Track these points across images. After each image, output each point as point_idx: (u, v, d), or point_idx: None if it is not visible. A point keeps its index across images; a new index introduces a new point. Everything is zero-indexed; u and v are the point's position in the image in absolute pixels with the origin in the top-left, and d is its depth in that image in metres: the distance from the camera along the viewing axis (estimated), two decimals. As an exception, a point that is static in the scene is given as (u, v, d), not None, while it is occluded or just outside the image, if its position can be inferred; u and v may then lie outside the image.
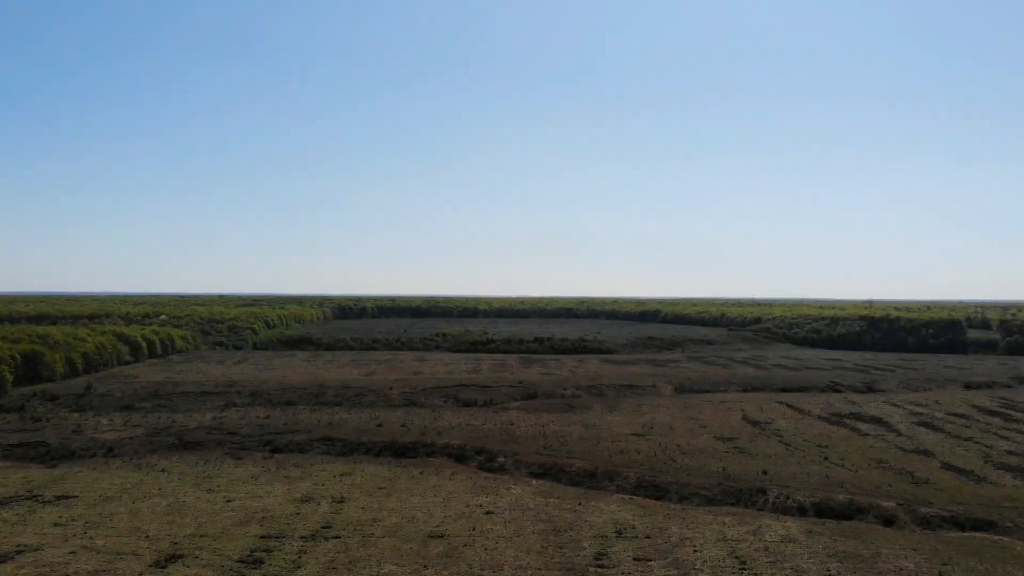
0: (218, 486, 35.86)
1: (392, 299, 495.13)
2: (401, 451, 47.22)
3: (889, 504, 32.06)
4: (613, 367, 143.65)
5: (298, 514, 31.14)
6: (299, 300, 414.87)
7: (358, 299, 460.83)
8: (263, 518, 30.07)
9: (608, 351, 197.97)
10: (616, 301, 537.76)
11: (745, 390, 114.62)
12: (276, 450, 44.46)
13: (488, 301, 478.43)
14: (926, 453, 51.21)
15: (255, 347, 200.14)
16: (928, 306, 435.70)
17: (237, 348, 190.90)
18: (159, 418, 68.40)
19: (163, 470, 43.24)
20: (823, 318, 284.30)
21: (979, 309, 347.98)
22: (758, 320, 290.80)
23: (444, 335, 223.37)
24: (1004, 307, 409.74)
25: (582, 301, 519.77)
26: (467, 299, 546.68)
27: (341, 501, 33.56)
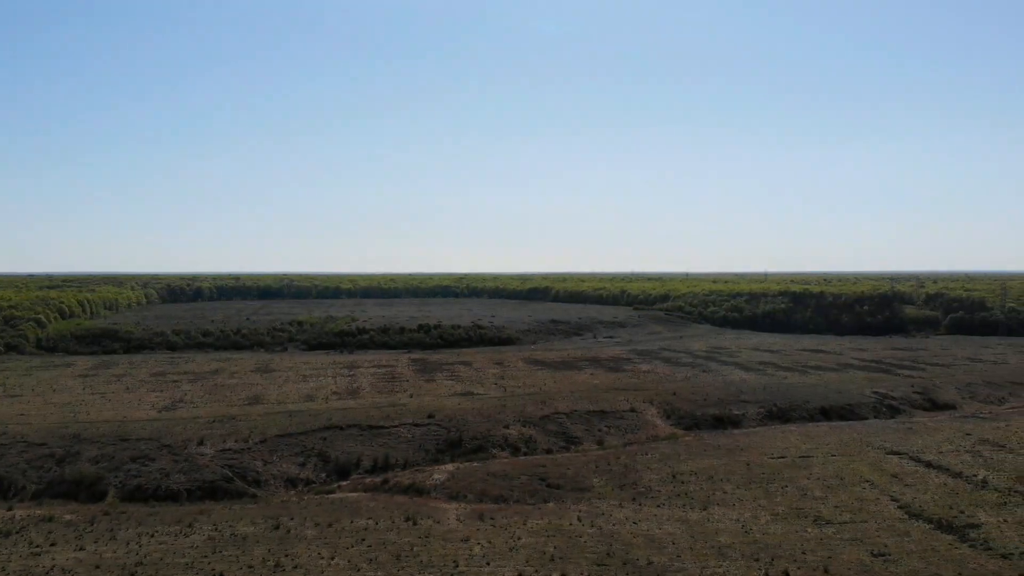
0: None
1: (236, 277, 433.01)
2: None
3: None
4: (552, 374, 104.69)
5: None
6: (122, 280, 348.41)
7: (193, 278, 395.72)
8: None
9: (511, 340, 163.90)
10: (497, 278, 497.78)
11: (773, 416, 79.88)
12: None
13: (353, 279, 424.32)
14: None
15: (39, 345, 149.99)
16: (854, 278, 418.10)
17: (11, 349, 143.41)
18: None
19: None
20: (740, 294, 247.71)
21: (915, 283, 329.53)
22: (665, 297, 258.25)
23: (300, 324, 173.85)
24: (895, 278, 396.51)
25: (460, 278, 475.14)
26: (327, 277, 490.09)
27: None
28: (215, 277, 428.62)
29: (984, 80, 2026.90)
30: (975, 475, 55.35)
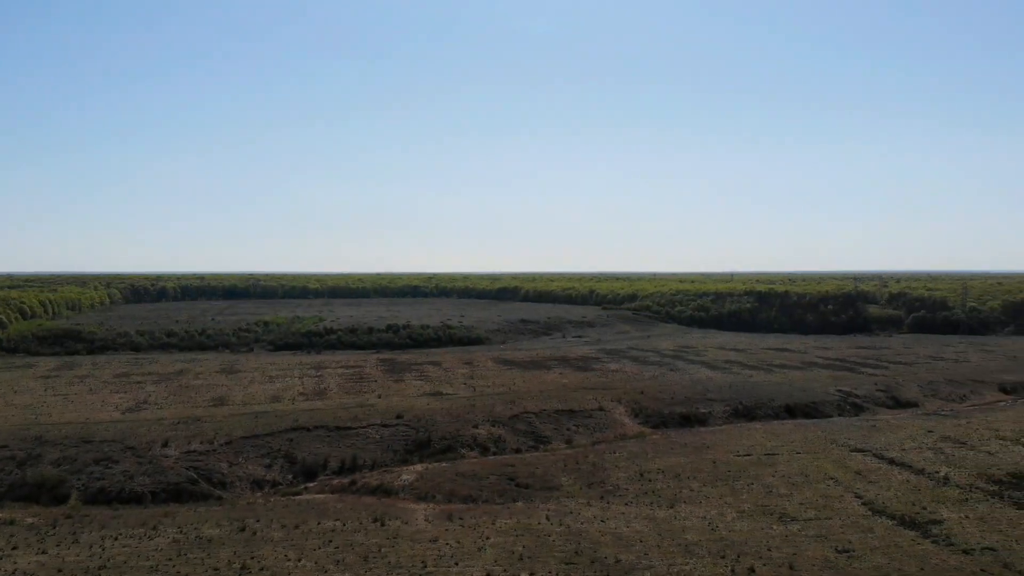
0: None
1: (201, 277, 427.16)
2: None
3: None
4: (522, 373, 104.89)
5: None
6: (85, 280, 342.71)
7: (157, 278, 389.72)
8: None
9: (480, 340, 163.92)
10: (467, 277, 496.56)
11: (739, 414, 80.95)
12: None
13: (320, 279, 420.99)
14: None
15: (0, 346, 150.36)
16: (818, 278, 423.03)
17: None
18: None
19: None
20: (706, 294, 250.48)
21: (878, 282, 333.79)
22: (633, 297, 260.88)
23: (266, 324, 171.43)
24: (859, 277, 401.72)
25: (430, 278, 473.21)
26: (294, 277, 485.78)
27: None
28: (180, 277, 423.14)
29: (945, 84, 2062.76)
30: (937, 472, 56.26)
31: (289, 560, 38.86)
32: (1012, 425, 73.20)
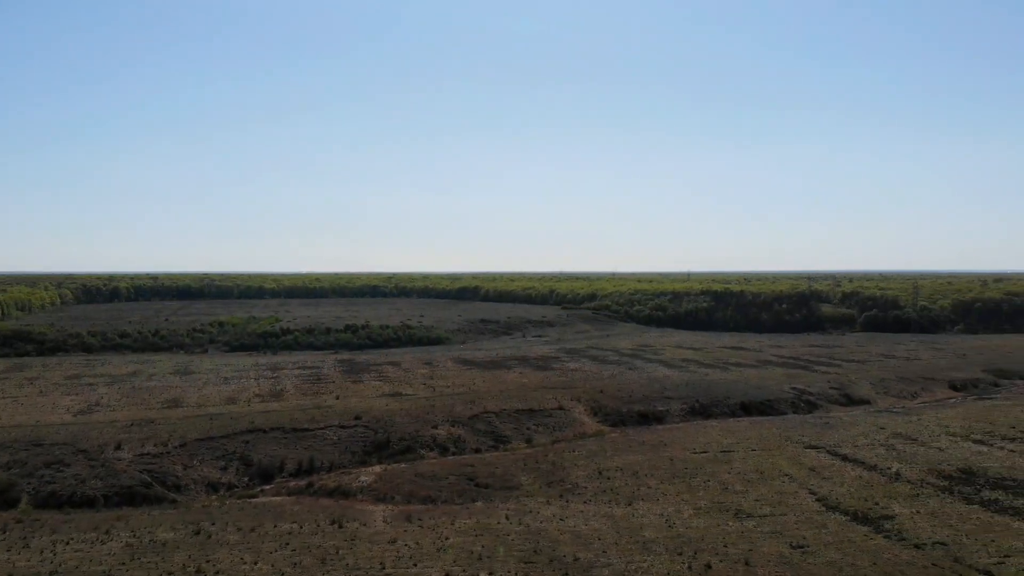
0: None
1: (154, 277, 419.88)
2: None
3: None
4: (482, 373, 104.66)
5: None
6: (35, 280, 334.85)
7: (110, 278, 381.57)
8: None
9: (440, 340, 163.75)
10: (427, 277, 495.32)
11: (696, 412, 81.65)
12: None
13: (276, 279, 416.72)
14: None
15: None
16: (773, 278, 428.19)
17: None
18: None
19: None
20: (664, 293, 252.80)
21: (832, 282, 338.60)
22: (592, 297, 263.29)
23: (221, 325, 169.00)
24: (812, 277, 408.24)
25: (389, 278, 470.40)
26: (250, 276, 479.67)
27: None
28: (133, 277, 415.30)
29: (897, 88, 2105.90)
30: (889, 468, 57.35)
31: (245, 563, 38.34)
32: (961, 422, 74.92)
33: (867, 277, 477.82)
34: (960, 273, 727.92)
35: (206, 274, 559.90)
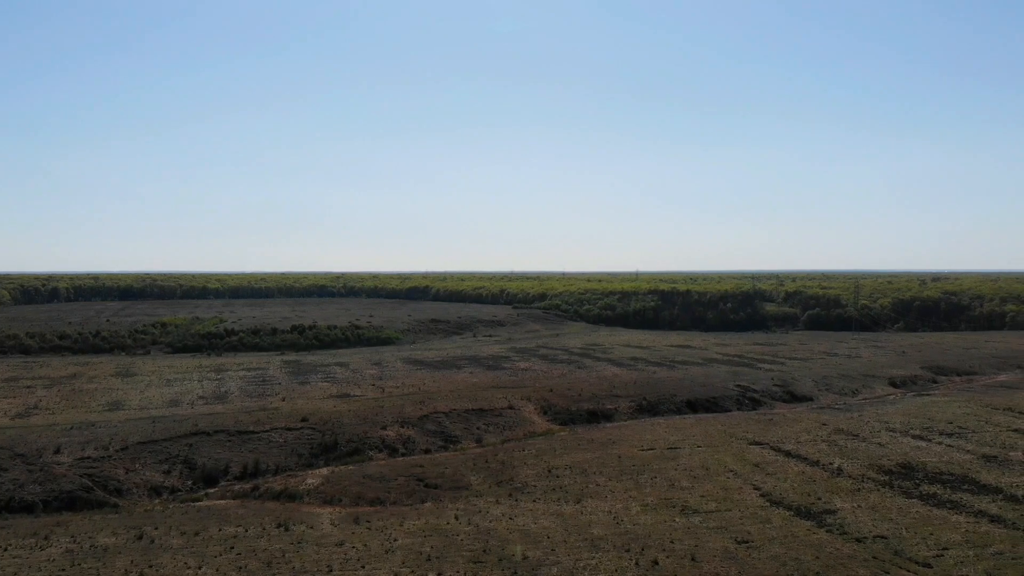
0: None
1: (95, 277, 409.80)
2: None
3: None
4: (432, 373, 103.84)
5: None
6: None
7: (48, 278, 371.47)
8: None
9: (390, 340, 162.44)
10: (376, 276, 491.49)
11: (643, 409, 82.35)
12: None
13: (221, 279, 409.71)
14: None
15: None
16: (719, 277, 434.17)
17: None
18: None
19: None
20: (613, 293, 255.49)
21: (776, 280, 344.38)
22: (543, 296, 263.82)
23: (164, 325, 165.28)
24: (757, 276, 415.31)
25: (337, 277, 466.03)
26: (194, 276, 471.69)
27: None
28: (73, 277, 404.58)
29: (836, 88, 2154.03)
30: (831, 463, 58.65)
31: (189, 568, 37.66)
32: (901, 417, 76.95)
33: (810, 277, 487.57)
34: (900, 273, 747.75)
35: (148, 274, 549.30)
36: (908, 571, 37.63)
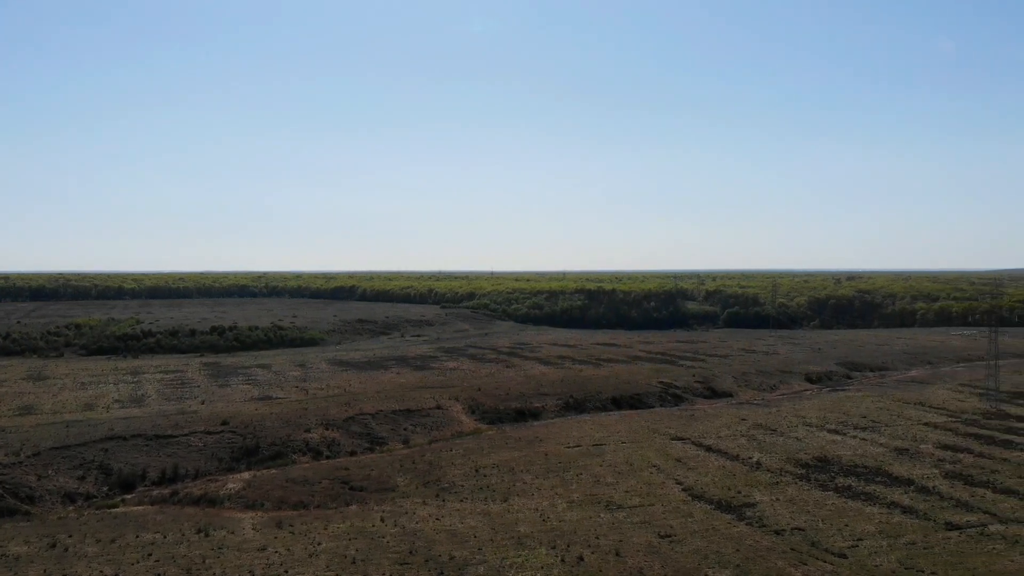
0: None
1: (5, 277, 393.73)
2: None
3: None
4: (358, 374, 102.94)
5: None
6: None
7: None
8: None
9: (314, 341, 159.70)
10: (300, 276, 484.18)
11: (570, 407, 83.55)
12: None
13: (137, 279, 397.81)
14: None
15: None
16: (643, 277, 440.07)
17: None
18: None
19: None
20: (541, 292, 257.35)
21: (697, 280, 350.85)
22: (472, 296, 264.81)
23: (78, 327, 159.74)
24: (679, 276, 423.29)
25: (259, 277, 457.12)
26: (108, 276, 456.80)
27: None
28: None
29: (756, 90, 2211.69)
30: (750, 457, 60.30)
31: (105, 576, 36.54)
32: (817, 412, 79.57)
33: (729, 276, 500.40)
34: (816, 272, 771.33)
35: (62, 274, 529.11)
36: (824, 562, 39.00)
